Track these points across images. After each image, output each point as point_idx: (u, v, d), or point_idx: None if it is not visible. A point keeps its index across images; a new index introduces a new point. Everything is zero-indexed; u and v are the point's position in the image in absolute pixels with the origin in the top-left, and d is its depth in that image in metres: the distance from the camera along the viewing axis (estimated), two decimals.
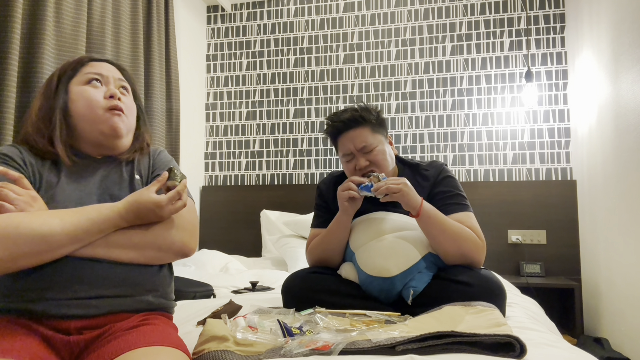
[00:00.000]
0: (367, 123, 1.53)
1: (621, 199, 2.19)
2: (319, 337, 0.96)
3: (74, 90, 1.09)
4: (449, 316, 1.13)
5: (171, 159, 1.23)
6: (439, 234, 1.39)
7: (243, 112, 3.47)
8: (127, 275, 0.97)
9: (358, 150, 1.52)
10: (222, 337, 0.96)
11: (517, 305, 1.61)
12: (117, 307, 0.95)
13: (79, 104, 1.07)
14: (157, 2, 2.73)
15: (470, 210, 1.51)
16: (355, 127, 1.52)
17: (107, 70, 1.13)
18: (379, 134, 1.55)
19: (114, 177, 1.10)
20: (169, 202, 0.98)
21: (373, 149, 1.52)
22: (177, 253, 1.03)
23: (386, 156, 1.55)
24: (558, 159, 2.95)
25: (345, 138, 1.54)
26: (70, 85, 1.09)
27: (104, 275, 0.94)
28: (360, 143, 1.51)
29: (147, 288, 1.01)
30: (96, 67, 1.12)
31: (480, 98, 3.08)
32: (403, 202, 1.38)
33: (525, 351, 0.91)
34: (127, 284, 0.97)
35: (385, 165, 1.54)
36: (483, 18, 3.11)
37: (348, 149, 1.53)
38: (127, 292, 0.97)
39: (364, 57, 3.28)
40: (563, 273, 2.83)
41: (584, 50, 2.67)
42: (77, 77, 1.10)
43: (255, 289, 2.03)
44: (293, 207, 3.20)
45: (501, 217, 2.93)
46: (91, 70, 1.11)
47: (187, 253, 1.05)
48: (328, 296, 1.39)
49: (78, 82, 1.10)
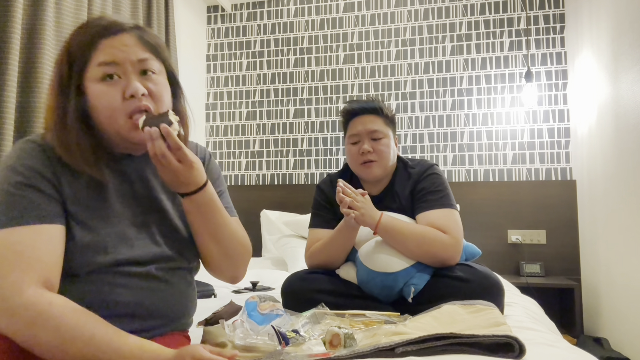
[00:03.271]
0: (382, 115, 1.61)
1: (621, 199, 2.19)
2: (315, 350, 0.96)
3: (89, 90, 0.88)
4: (449, 315, 1.13)
5: (219, 170, 1.12)
6: (400, 244, 1.41)
7: (243, 112, 3.47)
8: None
9: (367, 134, 1.57)
10: (221, 343, 0.96)
11: (517, 305, 1.61)
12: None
13: (99, 110, 0.88)
14: (157, 2, 2.73)
15: (451, 207, 1.51)
16: (370, 113, 1.60)
17: (124, 51, 0.88)
18: (389, 128, 1.61)
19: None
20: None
21: (381, 138, 1.57)
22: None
23: (390, 150, 1.59)
24: (558, 159, 2.95)
25: (358, 120, 1.60)
26: (84, 81, 0.88)
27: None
28: (371, 127, 1.57)
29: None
30: (110, 49, 0.88)
31: (480, 98, 3.08)
32: (358, 221, 1.41)
33: (524, 351, 0.91)
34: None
35: (386, 157, 1.57)
36: (483, 18, 3.11)
37: (358, 130, 1.59)
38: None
39: (364, 57, 3.28)
40: (563, 273, 2.83)
41: (584, 50, 2.67)
42: (90, 68, 0.88)
43: (256, 289, 2.03)
44: (293, 207, 3.20)
45: (501, 217, 2.93)
46: (104, 58, 0.87)
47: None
48: (327, 296, 1.39)
49: (92, 78, 0.88)
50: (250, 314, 1.06)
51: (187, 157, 0.87)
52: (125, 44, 0.89)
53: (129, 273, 0.89)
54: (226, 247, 0.99)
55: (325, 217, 1.63)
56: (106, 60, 0.87)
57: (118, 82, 0.88)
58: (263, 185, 3.38)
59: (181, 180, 0.89)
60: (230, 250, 1.00)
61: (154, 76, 0.91)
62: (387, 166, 1.59)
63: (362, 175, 1.62)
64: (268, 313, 1.08)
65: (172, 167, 0.86)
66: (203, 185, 0.92)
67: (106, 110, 0.87)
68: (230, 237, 0.99)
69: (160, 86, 0.92)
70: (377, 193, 1.62)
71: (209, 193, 0.94)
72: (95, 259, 0.85)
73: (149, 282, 0.91)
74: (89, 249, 0.85)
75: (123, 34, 0.89)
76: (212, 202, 0.95)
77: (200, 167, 0.91)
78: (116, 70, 0.88)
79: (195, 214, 0.94)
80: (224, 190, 1.09)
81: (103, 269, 0.86)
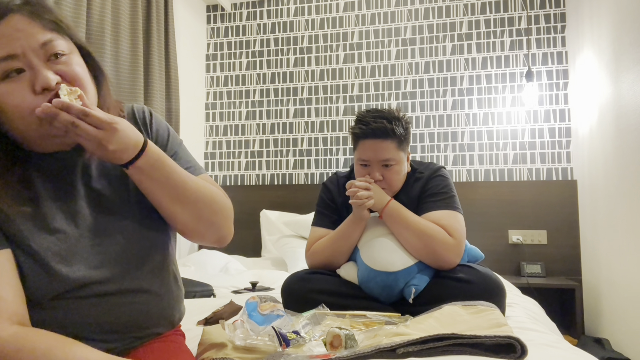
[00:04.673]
0: (395, 137, 1.47)
1: (622, 199, 2.19)
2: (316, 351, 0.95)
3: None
4: (450, 316, 1.13)
5: (168, 128, 0.97)
6: (403, 231, 1.42)
7: (243, 112, 3.46)
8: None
9: (377, 162, 1.49)
10: (221, 344, 0.96)
11: (518, 305, 1.61)
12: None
13: (7, 113, 0.74)
14: (157, 2, 2.72)
15: (455, 209, 1.49)
16: (382, 138, 1.46)
17: (19, 38, 0.72)
18: (402, 151, 1.51)
19: (100, 172, 0.86)
20: None
21: (392, 165, 1.49)
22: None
23: (400, 176, 1.53)
24: (559, 159, 2.94)
25: (369, 145, 1.48)
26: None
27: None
28: (382, 155, 1.47)
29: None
30: (2, 38, 0.72)
31: (480, 98, 3.07)
32: (369, 205, 1.42)
33: (526, 352, 0.91)
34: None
35: (397, 183, 1.53)
36: (483, 17, 3.11)
37: (368, 157, 1.49)
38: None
39: (364, 56, 3.27)
40: (564, 273, 2.82)
41: (585, 49, 2.66)
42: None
43: (255, 289, 2.02)
44: (293, 207, 3.19)
45: (501, 217, 2.92)
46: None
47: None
48: (328, 297, 1.38)
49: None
50: (251, 314, 1.05)
51: (102, 120, 0.72)
52: (17, 28, 0.72)
53: (94, 293, 0.79)
54: (196, 208, 0.86)
55: (330, 217, 1.61)
56: (2, 55, 0.71)
57: (24, 76, 0.73)
58: (263, 185, 3.37)
59: (111, 149, 0.74)
60: (203, 211, 0.87)
61: (64, 58, 0.76)
62: (397, 189, 1.55)
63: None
64: (268, 314, 1.07)
65: (92, 135, 0.72)
66: (143, 147, 0.79)
67: (16, 111, 0.73)
68: (198, 195, 0.86)
69: (73, 66, 0.77)
70: None
71: (153, 153, 0.80)
72: (48, 287, 0.75)
73: (120, 297, 0.81)
74: (37, 276, 0.74)
75: (11, 16, 0.72)
76: (161, 162, 0.81)
77: (128, 127, 0.77)
78: (18, 63, 0.72)
79: (147, 181, 0.81)
80: (178, 150, 0.94)
81: (61, 295, 0.76)
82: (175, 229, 0.91)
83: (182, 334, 1.01)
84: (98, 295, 0.79)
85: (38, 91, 0.73)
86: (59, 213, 0.79)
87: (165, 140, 0.93)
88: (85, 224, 0.81)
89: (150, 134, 0.92)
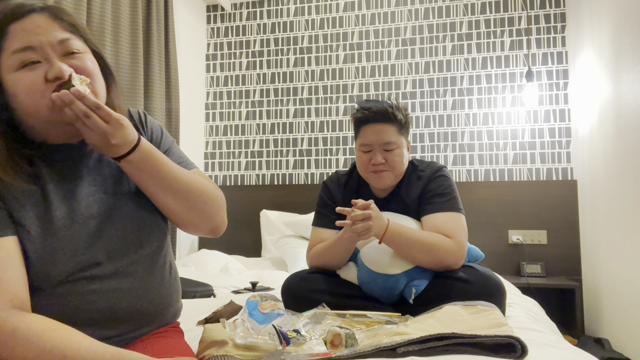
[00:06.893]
0: (396, 122, 1.51)
1: (622, 199, 2.19)
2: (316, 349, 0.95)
3: (7, 81, 0.79)
4: (450, 316, 1.13)
5: (160, 127, 1.04)
6: (406, 250, 1.39)
7: (243, 112, 3.46)
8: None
9: (379, 145, 1.50)
10: (221, 341, 0.96)
11: (518, 305, 1.61)
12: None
13: (19, 98, 0.79)
14: (157, 2, 2.72)
15: (457, 211, 1.49)
16: (383, 121, 1.51)
17: (39, 33, 0.79)
18: (402, 137, 1.54)
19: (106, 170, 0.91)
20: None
21: (394, 149, 1.51)
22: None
23: (402, 159, 1.53)
24: (559, 159, 2.94)
25: (370, 129, 1.52)
26: (1, 75, 0.80)
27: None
28: (383, 138, 1.50)
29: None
30: (22, 33, 0.79)
31: (480, 98, 3.07)
32: (368, 236, 1.37)
33: (526, 352, 0.91)
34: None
35: (399, 167, 1.53)
36: (483, 17, 3.11)
37: (370, 140, 1.51)
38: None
39: (364, 56, 3.27)
40: (564, 273, 2.82)
41: (585, 49, 2.66)
42: (4, 58, 0.79)
43: (255, 289, 2.02)
44: (293, 207, 3.19)
45: (501, 217, 2.92)
46: (18, 44, 0.78)
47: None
48: (328, 297, 1.38)
49: (9, 68, 0.79)
50: (251, 313, 1.05)
51: (112, 115, 0.79)
52: (38, 25, 0.80)
53: (93, 277, 0.82)
54: (188, 199, 0.92)
55: (330, 217, 1.60)
56: (21, 47, 0.78)
57: (39, 66, 0.79)
58: (263, 185, 3.37)
59: (114, 142, 0.80)
60: (194, 201, 0.92)
61: (79, 55, 0.83)
62: (400, 174, 1.56)
63: (372, 182, 1.58)
64: (269, 312, 1.07)
65: (100, 128, 0.78)
66: (137, 142, 0.85)
67: (28, 94, 0.78)
68: (188, 186, 0.91)
69: (87, 61, 0.84)
70: (385, 196, 1.60)
71: (145, 148, 0.86)
72: (51, 271, 0.79)
73: (117, 279, 0.85)
74: (40, 261, 0.78)
75: (33, 15, 0.80)
76: (151, 155, 0.87)
77: (130, 125, 0.84)
78: (35, 55, 0.79)
79: (140, 173, 0.87)
80: (171, 146, 1.01)
81: (64, 279, 0.80)
82: (171, 220, 0.97)
83: (181, 331, 1.02)
84: (95, 278, 0.83)
85: (50, 79, 0.78)
86: (64, 201, 0.84)
87: (159, 138, 1.00)
88: (89, 211, 0.86)
89: (145, 132, 0.99)
